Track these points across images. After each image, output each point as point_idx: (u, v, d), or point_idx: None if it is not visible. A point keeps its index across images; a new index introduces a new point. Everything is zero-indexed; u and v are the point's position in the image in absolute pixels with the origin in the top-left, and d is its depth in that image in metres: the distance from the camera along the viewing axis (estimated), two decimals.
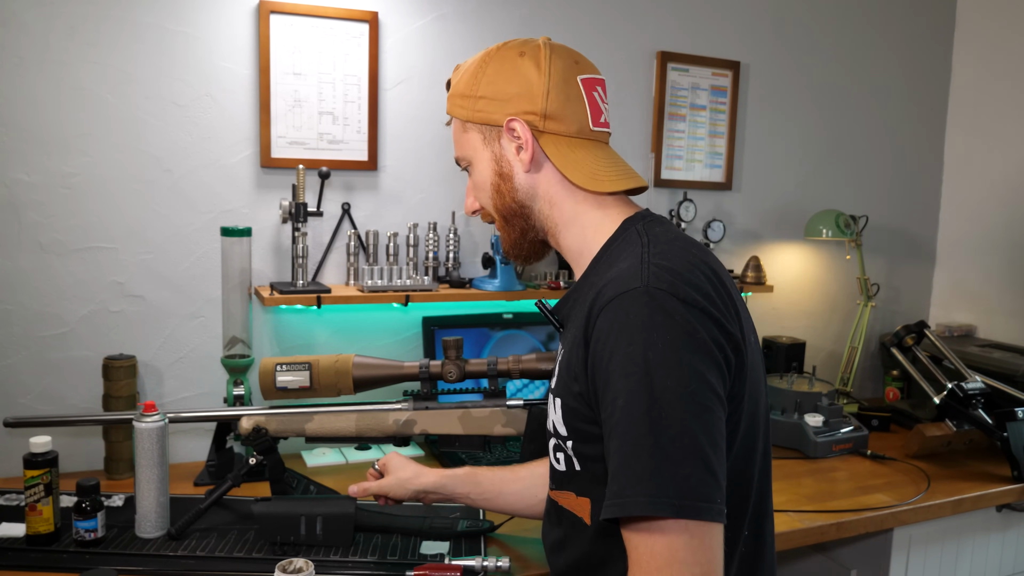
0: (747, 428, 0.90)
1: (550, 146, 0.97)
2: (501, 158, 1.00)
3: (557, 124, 0.97)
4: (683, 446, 0.77)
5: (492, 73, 0.98)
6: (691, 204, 2.22)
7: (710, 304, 0.84)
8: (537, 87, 0.96)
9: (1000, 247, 2.52)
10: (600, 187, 0.97)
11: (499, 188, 1.01)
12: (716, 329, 0.83)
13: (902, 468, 1.92)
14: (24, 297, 1.67)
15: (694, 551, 0.77)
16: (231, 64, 1.77)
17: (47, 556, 1.29)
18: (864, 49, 2.52)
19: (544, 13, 2.06)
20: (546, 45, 0.99)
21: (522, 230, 1.03)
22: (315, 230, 1.88)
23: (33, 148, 1.64)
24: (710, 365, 0.82)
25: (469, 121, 1.01)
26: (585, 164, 0.98)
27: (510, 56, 0.98)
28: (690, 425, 0.78)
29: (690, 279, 0.85)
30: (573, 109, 0.98)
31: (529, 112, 0.97)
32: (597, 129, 1.00)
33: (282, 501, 1.37)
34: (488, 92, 0.98)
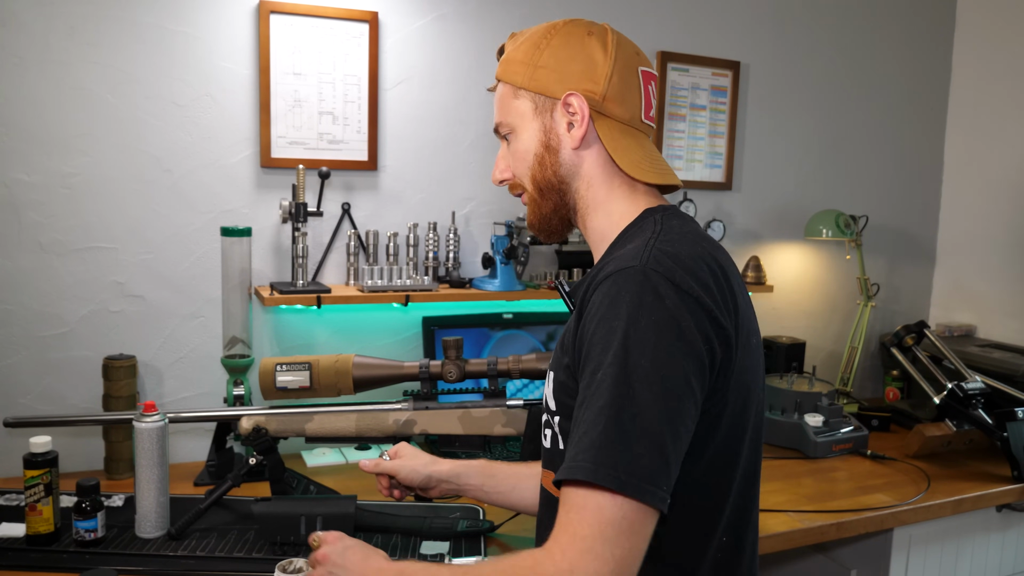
0: (730, 430, 0.89)
1: (603, 128, 0.97)
2: (551, 130, 0.99)
3: (614, 108, 0.97)
4: (643, 426, 0.77)
5: (557, 46, 0.98)
6: (691, 204, 2.21)
7: (705, 294, 0.84)
8: (601, 68, 0.97)
9: (1000, 247, 2.52)
10: (643, 176, 0.98)
11: (543, 160, 1.00)
12: (707, 321, 0.83)
13: (902, 468, 1.92)
14: (24, 297, 1.67)
15: (621, 532, 0.76)
16: (231, 64, 1.77)
17: (47, 556, 1.29)
18: (864, 49, 2.52)
19: (544, 13, 2.06)
20: (611, 32, 1.01)
21: (555, 206, 1.02)
22: (315, 230, 1.88)
23: (33, 148, 1.64)
24: (689, 355, 0.81)
25: (524, 88, 0.99)
26: (633, 151, 0.98)
27: (578, 33, 0.99)
28: (655, 407, 0.78)
29: (690, 266, 0.85)
30: (630, 97, 0.98)
31: (589, 91, 0.96)
32: (646, 122, 1.01)
33: (282, 501, 1.37)
34: (551, 63, 0.97)
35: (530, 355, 1.39)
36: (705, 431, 0.86)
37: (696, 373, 0.81)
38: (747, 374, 0.90)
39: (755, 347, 0.94)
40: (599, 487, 0.76)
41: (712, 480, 0.89)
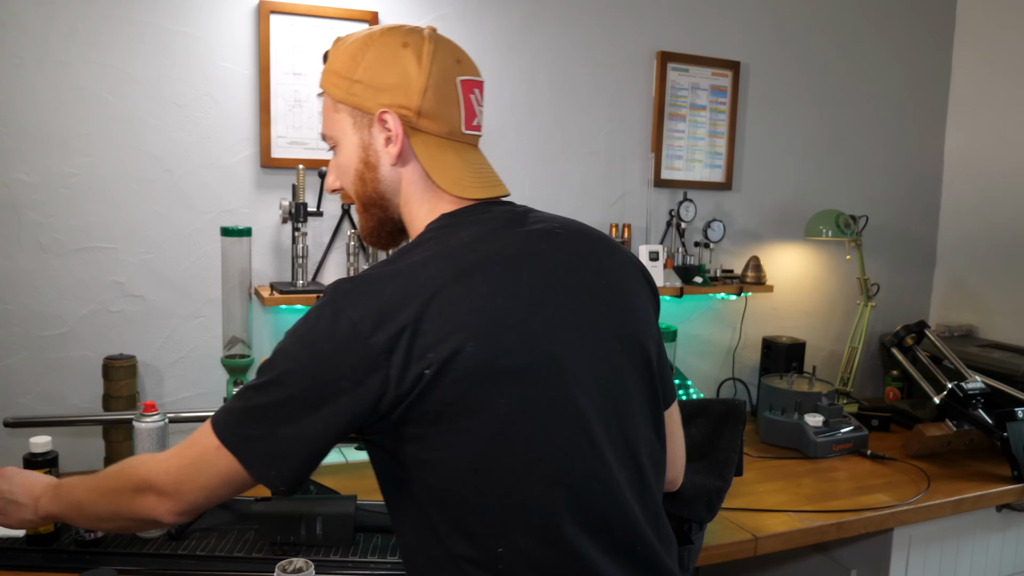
0: (483, 445, 0.86)
1: (420, 144, 0.96)
2: (369, 147, 0.98)
3: (430, 123, 0.96)
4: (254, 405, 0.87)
5: (372, 59, 0.95)
6: (691, 204, 2.22)
7: (368, 316, 0.84)
8: (416, 82, 0.94)
9: (1000, 247, 2.52)
10: (463, 192, 0.96)
11: (363, 176, 0.99)
12: (358, 342, 0.83)
13: (902, 468, 1.92)
14: (24, 297, 1.67)
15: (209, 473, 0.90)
16: (231, 64, 1.77)
17: (47, 556, 1.29)
18: (864, 49, 2.52)
19: (544, 13, 2.06)
20: (431, 39, 0.97)
21: (379, 220, 1.02)
22: (315, 230, 1.89)
23: (33, 148, 1.64)
24: (319, 366, 0.84)
25: (342, 102, 0.98)
26: (453, 167, 0.97)
27: (393, 44, 0.96)
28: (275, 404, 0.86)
29: (368, 291, 0.86)
30: (448, 110, 0.96)
31: (403, 106, 0.94)
32: (469, 132, 0.99)
33: (282, 501, 1.37)
34: (365, 77, 0.95)
35: None
36: (440, 445, 0.86)
37: (325, 387, 0.84)
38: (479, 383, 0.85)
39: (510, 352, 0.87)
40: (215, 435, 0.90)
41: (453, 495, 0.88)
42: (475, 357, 0.84)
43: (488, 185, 0.99)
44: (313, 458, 0.88)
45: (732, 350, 2.41)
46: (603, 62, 2.15)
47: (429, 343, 0.83)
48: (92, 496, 1.02)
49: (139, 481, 0.95)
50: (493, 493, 0.87)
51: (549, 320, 0.90)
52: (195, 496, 0.93)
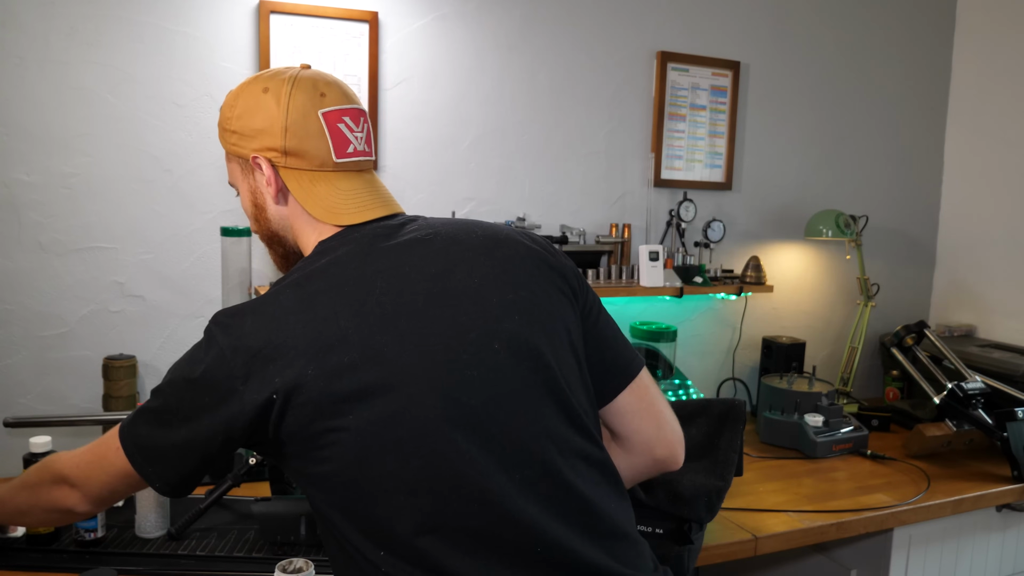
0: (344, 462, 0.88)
1: (292, 181, 1.01)
2: (256, 190, 1.04)
3: (297, 160, 1.00)
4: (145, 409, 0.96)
5: (241, 108, 1.02)
6: (691, 204, 2.22)
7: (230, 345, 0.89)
8: (277, 124, 0.99)
9: (1000, 247, 2.52)
10: (340, 220, 0.99)
11: (257, 217, 1.07)
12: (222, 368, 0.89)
13: (902, 468, 1.92)
14: (24, 297, 1.67)
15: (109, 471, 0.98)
16: (231, 64, 1.77)
17: (47, 556, 1.29)
18: (864, 49, 2.52)
19: (544, 13, 2.06)
20: (291, 80, 1.01)
21: (283, 255, 1.08)
22: None
23: (33, 148, 1.64)
24: (190, 385, 0.91)
25: (228, 152, 1.06)
26: (325, 197, 1.00)
27: (255, 92, 1.01)
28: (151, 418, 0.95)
29: (233, 322, 0.91)
30: (314, 144, 1.00)
31: (271, 148, 1.00)
32: (342, 160, 1.01)
33: (282, 501, 1.37)
34: (238, 127, 1.02)
35: None
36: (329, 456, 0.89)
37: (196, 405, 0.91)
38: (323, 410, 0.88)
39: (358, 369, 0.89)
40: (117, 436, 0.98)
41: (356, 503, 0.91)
42: (317, 381, 0.88)
43: (364, 208, 1.01)
44: (188, 466, 0.94)
45: (732, 350, 2.41)
46: (603, 62, 2.15)
47: (275, 370, 0.88)
48: (12, 491, 1.08)
49: (55, 474, 1.03)
50: (362, 507, 0.90)
51: (402, 333, 0.91)
52: (100, 490, 1.00)
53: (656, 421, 1.07)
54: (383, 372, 0.89)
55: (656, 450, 1.07)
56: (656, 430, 1.07)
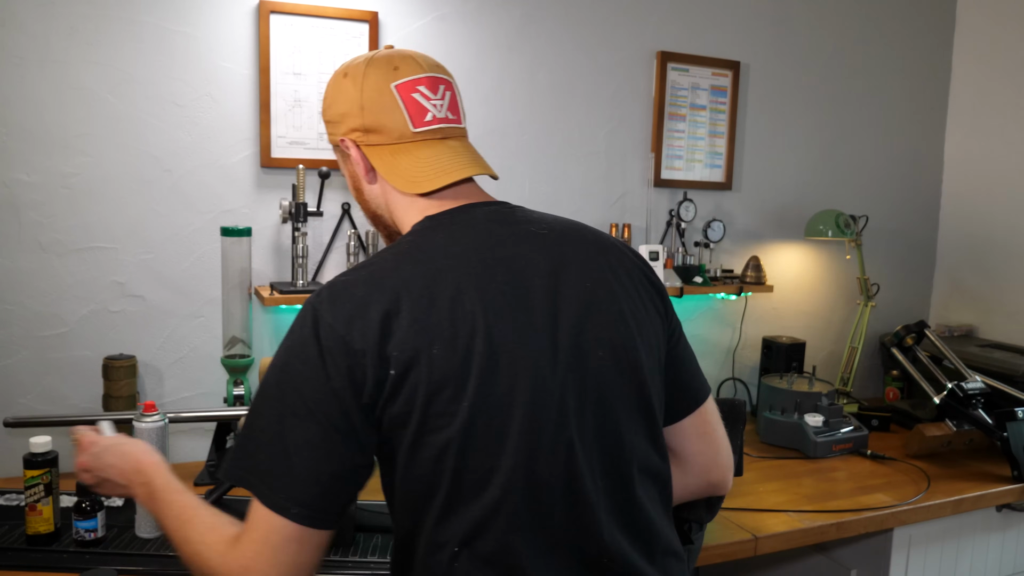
0: (445, 448, 0.86)
1: (375, 157, 1.02)
2: (352, 174, 1.07)
3: (378, 136, 1.01)
4: (264, 439, 0.87)
5: (329, 97, 1.05)
6: (691, 204, 2.22)
7: (343, 318, 0.86)
8: (355, 104, 1.01)
9: (1000, 247, 2.52)
10: (418, 188, 0.99)
11: (358, 200, 1.09)
12: (338, 343, 0.85)
13: (902, 468, 1.92)
14: (24, 297, 1.67)
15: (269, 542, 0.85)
16: (231, 64, 1.77)
17: (47, 556, 1.30)
18: (864, 49, 2.52)
19: (544, 13, 2.06)
20: (368, 60, 1.02)
21: (387, 235, 1.09)
22: (315, 230, 1.88)
23: (33, 148, 1.64)
24: (309, 375, 0.86)
25: (330, 143, 1.09)
26: (406, 169, 1.00)
27: (337, 78, 1.04)
28: (273, 423, 0.87)
29: (342, 295, 0.88)
30: (390, 118, 1.00)
31: (354, 129, 1.02)
32: (420, 129, 1.01)
33: None
34: (329, 116, 1.05)
35: None
36: (405, 452, 0.88)
37: (319, 396, 0.85)
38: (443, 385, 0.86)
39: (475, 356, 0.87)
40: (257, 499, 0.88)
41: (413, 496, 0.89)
42: (438, 361, 0.86)
43: (442, 173, 1.00)
44: (324, 473, 0.86)
45: (732, 350, 2.41)
46: (603, 62, 2.15)
47: (395, 344, 0.86)
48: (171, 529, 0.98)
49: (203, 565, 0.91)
50: (454, 496, 0.88)
51: (519, 327, 0.90)
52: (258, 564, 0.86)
53: (715, 447, 1.10)
54: (499, 365, 0.88)
55: (711, 474, 1.10)
56: (715, 455, 1.10)
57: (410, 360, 0.85)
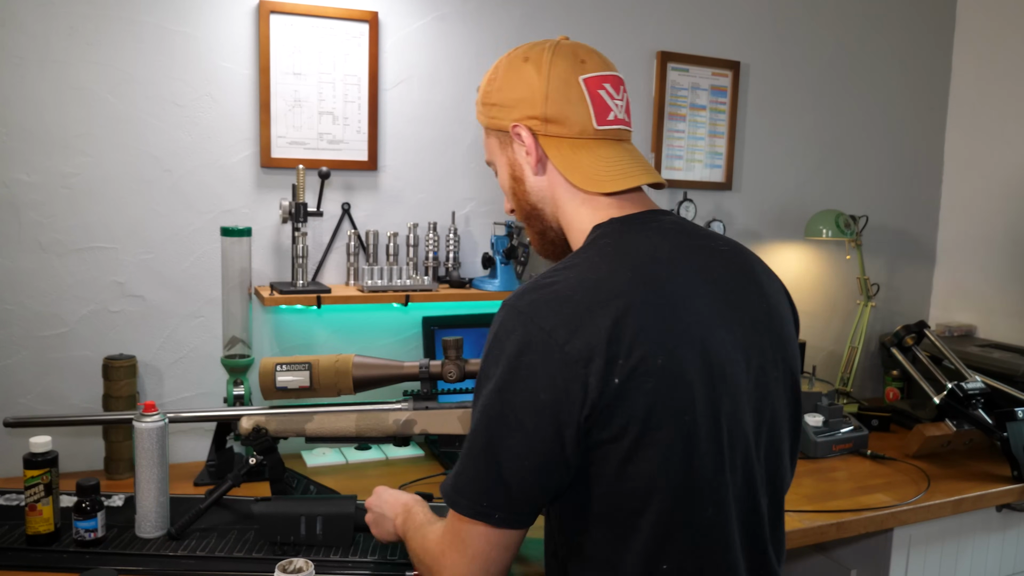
0: (664, 461, 0.86)
1: (552, 149, 0.99)
2: (514, 162, 1.03)
3: (558, 127, 0.98)
4: (478, 452, 0.88)
5: (501, 80, 1.01)
6: (691, 204, 2.22)
7: (561, 324, 0.84)
8: (538, 91, 0.98)
9: (1000, 247, 2.52)
10: (600, 188, 0.97)
11: (515, 191, 1.05)
12: (554, 357, 0.83)
13: (902, 468, 1.92)
14: (24, 297, 1.67)
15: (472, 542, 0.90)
16: (231, 64, 1.77)
17: (47, 556, 1.29)
18: (864, 49, 2.52)
19: (544, 13, 2.06)
20: (551, 48, 0.99)
21: (541, 231, 1.06)
22: (315, 230, 1.88)
23: (33, 148, 1.64)
24: (519, 387, 0.84)
25: (487, 127, 1.05)
26: (587, 165, 0.97)
27: (516, 62, 1.00)
28: (488, 436, 0.86)
29: (555, 299, 0.86)
30: (574, 110, 0.98)
31: (531, 116, 0.98)
32: (603, 128, 0.99)
33: (282, 501, 1.37)
34: (498, 99, 1.01)
35: None
36: (618, 460, 0.86)
37: (527, 407, 0.84)
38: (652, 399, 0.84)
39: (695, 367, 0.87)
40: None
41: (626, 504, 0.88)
42: (665, 371, 0.85)
43: (626, 175, 0.98)
44: (531, 485, 0.87)
45: None
46: None
47: (622, 352, 0.83)
48: (413, 550, 1.09)
49: (432, 561, 0.98)
50: (667, 510, 0.86)
51: (723, 341, 0.90)
52: (471, 569, 0.92)
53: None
54: (712, 377, 0.88)
55: None
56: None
57: (635, 369, 0.83)
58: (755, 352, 0.94)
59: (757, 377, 0.93)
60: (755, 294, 0.97)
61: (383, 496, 1.27)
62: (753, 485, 0.93)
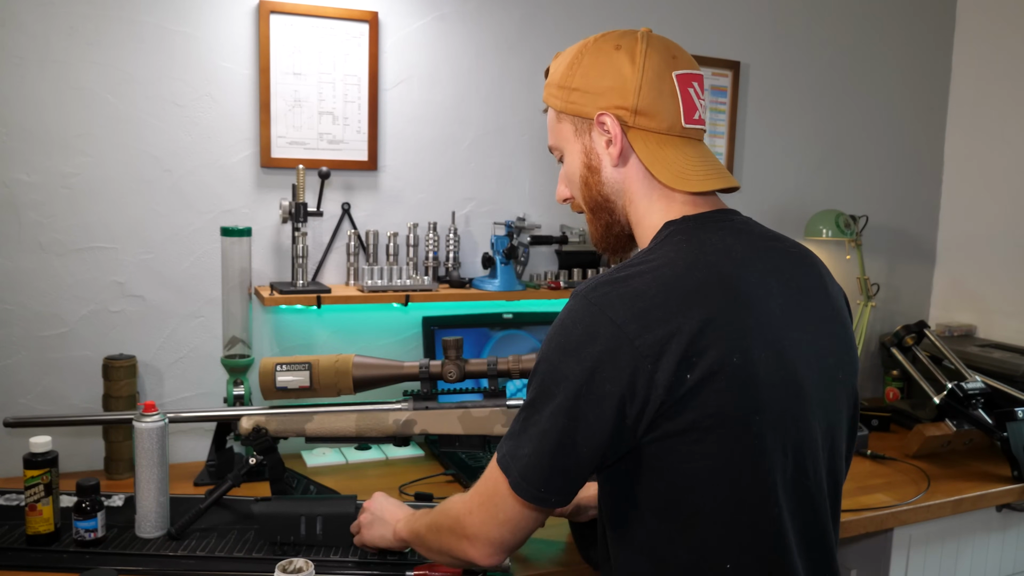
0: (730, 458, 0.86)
1: (639, 142, 0.96)
2: (591, 151, 1.00)
3: (648, 120, 0.96)
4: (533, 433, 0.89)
5: (587, 65, 0.98)
6: None
7: (634, 318, 0.83)
8: (630, 82, 0.95)
9: (1000, 247, 2.52)
10: (684, 185, 0.95)
11: (587, 180, 1.02)
12: (625, 349, 0.83)
13: (902, 468, 1.92)
14: (24, 297, 1.67)
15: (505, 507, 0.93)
16: (231, 64, 1.77)
17: (47, 556, 1.29)
18: (864, 49, 2.52)
19: (544, 13, 2.06)
20: (644, 38, 0.97)
21: (607, 224, 1.03)
22: (315, 230, 1.88)
23: (33, 148, 1.64)
24: (586, 378, 0.84)
25: (563, 112, 1.01)
26: (674, 162, 0.96)
27: (606, 49, 0.97)
28: (555, 423, 0.87)
29: (628, 292, 0.85)
30: (665, 105, 0.96)
31: (620, 107, 0.96)
32: (689, 126, 0.98)
33: (282, 501, 1.37)
34: (582, 84, 0.98)
35: (530, 355, 1.39)
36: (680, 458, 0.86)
37: (591, 398, 0.84)
38: (724, 398, 0.84)
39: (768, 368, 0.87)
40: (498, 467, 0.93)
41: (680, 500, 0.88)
42: (741, 370, 0.85)
43: (712, 177, 0.97)
44: (583, 470, 0.89)
45: None
46: None
47: (698, 349, 0.83)
48: (427, 531, 1.08)
49: (453, 522, 1.00)
50: (731, 508, 0.87)
51: (795, 342, 0.90)
52: (500, 532, 0.95)
53: None
54: (784, 378, 0.88)
55: None
56: None
57: (708, 368, 0.83)
58: (824, 353, 0.94)
59: (825, 379, 0.94)
60: (823, 295, 0.98)
61: (383, 504, 1.27)
62: (819, 487, 0.93)
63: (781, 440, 0.88)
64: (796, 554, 0.90)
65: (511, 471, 0.90)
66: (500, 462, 0.92)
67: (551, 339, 0.89)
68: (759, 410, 0.86)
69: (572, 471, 0.89)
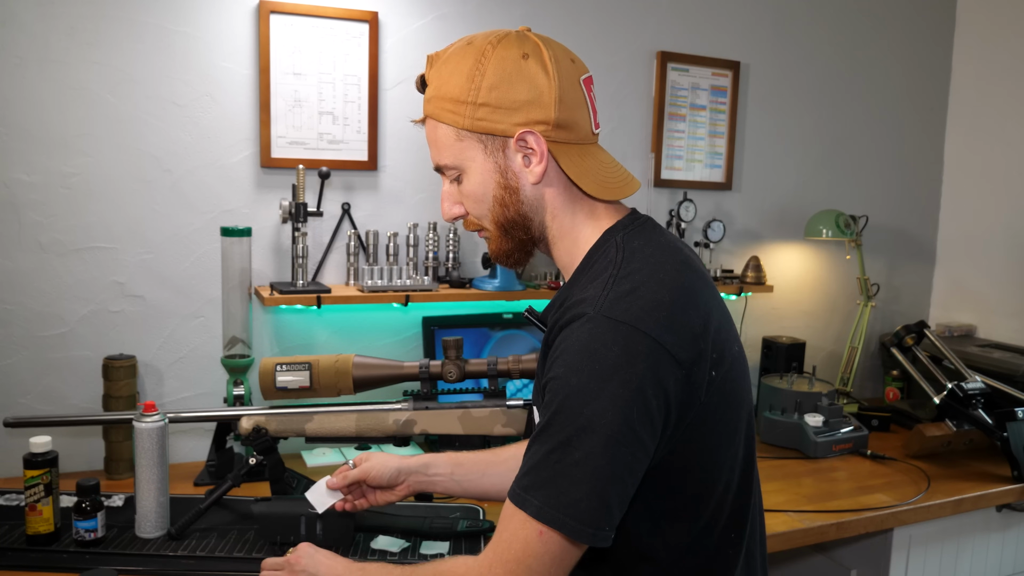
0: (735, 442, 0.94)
1: (562, 156, 0.91)
2: (507, 169, 0.92)
3: (567, 133, 0.91)
4: (584, 472, 0.79)
5: (494, 77, 0.88)
6: (691, 204, 2.21)
7: (661, 331, 0.81)
8: (547, 95, 0.89)
9: (1000, 247, 2.52)
10: (608, 195, 0.93)
11: (503, 200, 0.94)
12: (661, 360, 0.81)
13: (902, 468, 1.92)
14: (24, 297, 1.67)
15: (543, 562, 0.81)
16: (231, 64, 1.77)
17: (47, 556, 1.29)
18: (864, 49, 2.52)
19: (544, 13, 2.06)
20: (544, 43, 0.91)
21: (520, 241, 0.97)
22: (315, 230, 1.88)
23: (33, 148, 1.64)
24: (635, 402, 0.80)
25: (468, 129, 0.91)
26: (596, 172, 0.94)
27: (512, 57, 0.89)
28: (609, 456, 0.79)
29: (650, 306, 0.83)
30: (580, 114, 0.92)
31: (540, 122, 0.89)
32: (596, 131, 0.96)
33: (282, 501, 1.37)
34: (491, 99, 0.89)
35: (530, 355, 1.39)
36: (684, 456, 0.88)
37: (642, 419, 0.81)
38: (729, 384, 0.90)
39: (736, 354, 0.93)
40: (537, 521, 0.81)
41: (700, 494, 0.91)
42: (736, 360, 0.92)
43: (626, 182, 0.96)
44: (632, 490, 0.84)
45: None
46: (603, 62, 2.15)
47: (713, 347, 0.87)
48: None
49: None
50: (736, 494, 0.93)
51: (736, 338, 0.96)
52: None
53: None
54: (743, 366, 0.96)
55: None
56: None
57: (722, 362, 0.88)
58: (741, 349, 0.99)
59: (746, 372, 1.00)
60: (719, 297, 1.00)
61: (317, 558, 1.07)
62: (753, 436, 1.00)
63: (747, 406, 0.96)
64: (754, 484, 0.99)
65: (565, 523, 0.79)
66: (541, 517, 0.80)
67: (578, 369, 0.81)
68: (748, 394, 0.96)
69: (628, 497, 0.84)
